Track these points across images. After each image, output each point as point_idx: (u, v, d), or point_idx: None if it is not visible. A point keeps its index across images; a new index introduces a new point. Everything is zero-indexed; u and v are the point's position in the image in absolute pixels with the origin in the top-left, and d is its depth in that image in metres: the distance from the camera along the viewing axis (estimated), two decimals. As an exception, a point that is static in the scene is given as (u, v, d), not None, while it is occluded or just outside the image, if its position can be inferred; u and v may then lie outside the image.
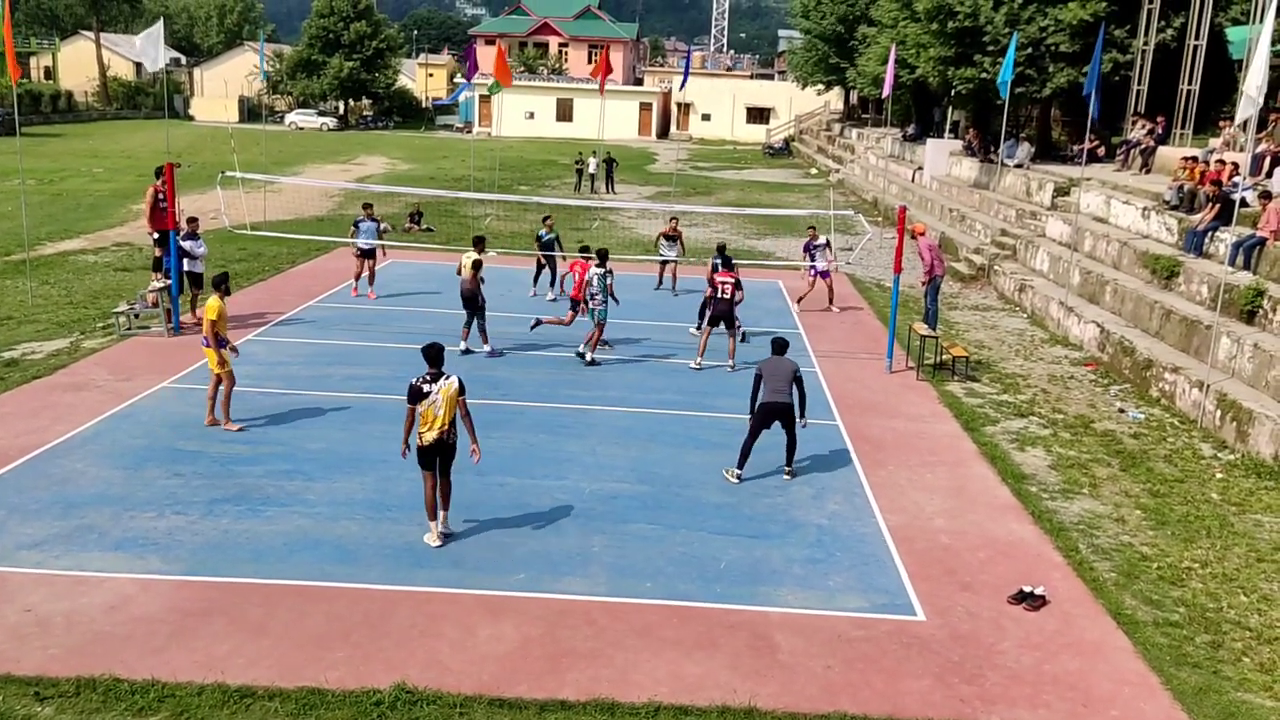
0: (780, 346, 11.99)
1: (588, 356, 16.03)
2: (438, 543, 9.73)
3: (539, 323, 17.00)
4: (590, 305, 16.00)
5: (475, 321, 16.18)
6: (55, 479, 10.87)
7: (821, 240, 18.39)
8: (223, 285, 13.04)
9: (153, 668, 7.58)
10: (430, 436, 9.51)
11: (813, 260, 20.62)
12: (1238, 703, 7.83)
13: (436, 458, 9.59)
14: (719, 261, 17.92)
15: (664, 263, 21.84)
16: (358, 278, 20.20)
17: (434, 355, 9.65)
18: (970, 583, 9.53)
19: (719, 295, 15.85)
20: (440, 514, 9.79)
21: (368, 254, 19.91)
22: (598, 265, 15.95)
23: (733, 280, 15.89)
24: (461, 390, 9.60)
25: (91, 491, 10.59)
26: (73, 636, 7.97)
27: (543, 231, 20.53)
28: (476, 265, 16.15)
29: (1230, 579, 9.84)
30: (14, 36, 18.85)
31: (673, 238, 21.57)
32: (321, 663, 7.77)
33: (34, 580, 8.77)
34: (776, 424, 11.67)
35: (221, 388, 12.53)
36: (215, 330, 12.38)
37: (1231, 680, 8.13)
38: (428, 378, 9.55)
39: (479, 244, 16.84)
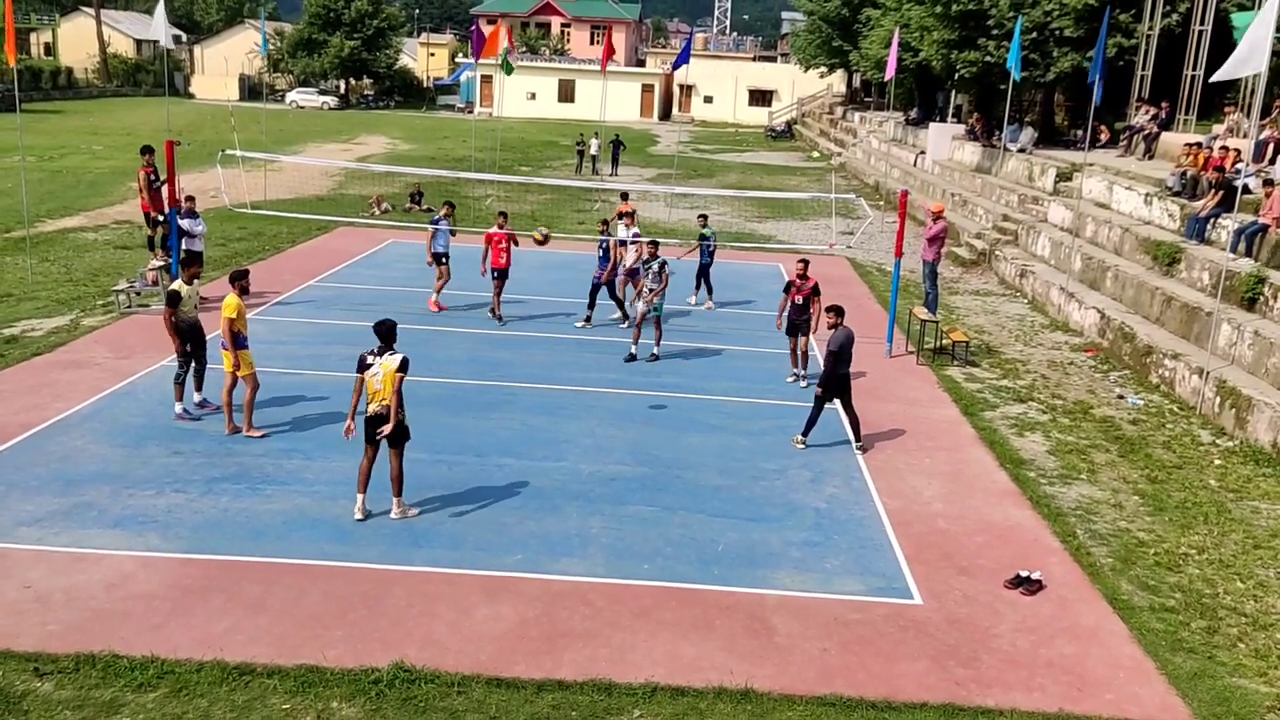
0: (843, 312, 12.33)
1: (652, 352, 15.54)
2: (360, 516, 9.79)
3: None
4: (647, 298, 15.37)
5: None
6: (55, 456, 10.88)
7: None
8: (239, 281, 11.74)
9: (152, 644, 7.60)
10: (372, 408, 9.63)
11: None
12: (1232, 688, 7.86)
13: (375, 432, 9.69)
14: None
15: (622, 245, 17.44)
16: (440, 288, 17.99)
17: (382, 332, 9.67)
18: (967, 567, 9.56)
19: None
20: (364, 492, 9.86)
21: (440, 259, 17.82)
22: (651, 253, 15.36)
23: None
24: (402, 368, 9.54)
25: (91, 469, 10.61)
26: (72, 613, 8.00)
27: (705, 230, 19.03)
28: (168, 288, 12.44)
29: (1227, 565, 9.86)
30: (14, 12, 18.53)
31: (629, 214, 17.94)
32: (320, 641, 7.80)
33: (33, 557, 8.79)
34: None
35: (245, 392, 11.64)
36: (234, 330, 11.43)
37: (1226, 666, 8.17)
38: (375, 351, 9.62)
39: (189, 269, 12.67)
